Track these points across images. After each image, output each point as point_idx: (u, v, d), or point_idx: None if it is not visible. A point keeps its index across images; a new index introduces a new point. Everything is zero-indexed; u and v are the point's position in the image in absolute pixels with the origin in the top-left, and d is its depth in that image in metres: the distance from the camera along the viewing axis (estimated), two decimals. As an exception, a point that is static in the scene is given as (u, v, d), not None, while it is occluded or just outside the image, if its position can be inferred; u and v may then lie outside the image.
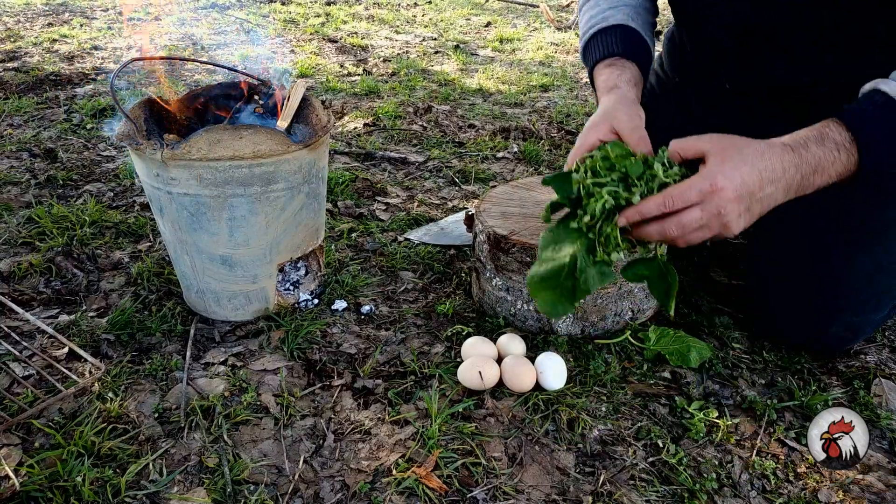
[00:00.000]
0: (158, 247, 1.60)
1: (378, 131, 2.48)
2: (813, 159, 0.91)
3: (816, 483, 0.99)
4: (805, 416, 1.12)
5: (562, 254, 0.97)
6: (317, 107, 1.32)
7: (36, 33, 3.92)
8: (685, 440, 1.06)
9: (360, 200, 1.89)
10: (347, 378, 1.18)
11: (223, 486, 0.95)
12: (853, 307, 1.21)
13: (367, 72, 3.34)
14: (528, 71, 3.41)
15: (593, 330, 1.28)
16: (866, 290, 1.20)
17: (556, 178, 0.99)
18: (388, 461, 1.00)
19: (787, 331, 1.28)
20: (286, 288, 1.34)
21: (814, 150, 0.91)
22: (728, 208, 0.88)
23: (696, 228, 0.90)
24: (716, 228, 0.90)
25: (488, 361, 1.14)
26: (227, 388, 1.15)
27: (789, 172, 0.90)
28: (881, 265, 1.19)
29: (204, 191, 1.18)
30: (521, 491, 0.96)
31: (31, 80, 2.96)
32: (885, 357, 1.27)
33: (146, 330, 1.29)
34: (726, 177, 0.88)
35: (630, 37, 1.23)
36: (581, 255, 0.96)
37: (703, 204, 0.88)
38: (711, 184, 0.88)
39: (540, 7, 4.95)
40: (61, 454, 0.98)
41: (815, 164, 0.91)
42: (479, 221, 1.32)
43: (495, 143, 2.36)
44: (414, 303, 1.41)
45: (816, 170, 0.91)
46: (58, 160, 2.12)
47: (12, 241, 1.62)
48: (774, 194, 0.91)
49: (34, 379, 1.15)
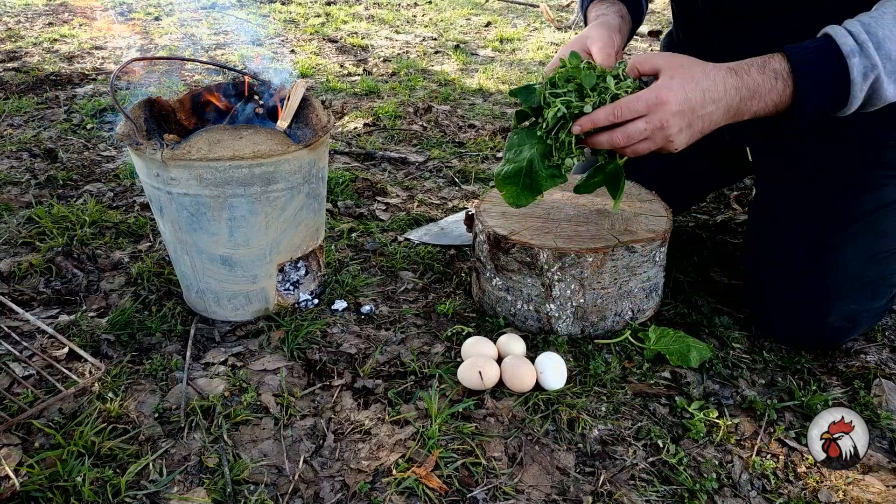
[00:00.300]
0: (158, 247, 1.60)
1: (378, 131, 2.48)
2: (752, 84, 0.98)
3: (816, 483, 0.99)
4: (805, 416, 1.12)
5: (521, 156, 1.09)
6: (317, 107, 1.32)
7: (36, 33, 3.92)
8: (685, 440, 1.06)
9: (360, 200, 1.89)
10: (347, 378, 1.18)
11: (223, 486, 0.95)
12: (848, 295, 1.22)
13: (367, 72, 3.34)
14: (529, 71, 3.41)
15: (593, 330, 1.28)
16: (860, 277, 1.21)
17: (522, 90, 1.10)
18: (388, 461, 1.00)
19: (786, 324, 1.29)
20: (286, 288, 1.34)
21: (754, 76, 0.98)
22: (670, 121, 0.97)
23: (641, 139, 0.99)
24: (659, 141, 0.99)
25: (488, 361, 1.14)
26: (227, 388, 1.15)
27: (730, 94, 0.98)
28: (873, 253, 1.20)
29: (204, 191, 1.18)
30: (521, 491, 0.96)
31: (31, 80, 2.96)
32: (886, 357, 1.27)
33: (146, 330, 1.29)
34: (672, 91, 0.96)
35: None
36: (536, 158, 1.08)
37: (648, 116, 0.97)
38: (657, 96, 0.96)
39: (540, 7, 4.95)
40: (61, 454, 0.98)
41: (754, 88, 0.98)
42: (479, 221, 1.32)
43: (495, 143, 2.36)
44: (414, 303, 1.41)
45: (755, 94, 0.99)
46: (58, 160, 2.12)
47: (12, 241, 1.62)
48: (715, 113, 0.99)
49: (34, 379, 1.15)
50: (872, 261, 1.21)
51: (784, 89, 0.99)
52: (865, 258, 1.20)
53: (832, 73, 0.97)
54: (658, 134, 0.99)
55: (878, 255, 1.21)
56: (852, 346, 1.30)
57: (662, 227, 1.28)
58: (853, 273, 1.21)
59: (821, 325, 1.24)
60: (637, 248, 1.23)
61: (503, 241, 1.25)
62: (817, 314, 1.23)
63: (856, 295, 1.22)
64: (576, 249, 1.19)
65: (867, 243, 1.20)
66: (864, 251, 1.20)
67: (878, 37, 0.95)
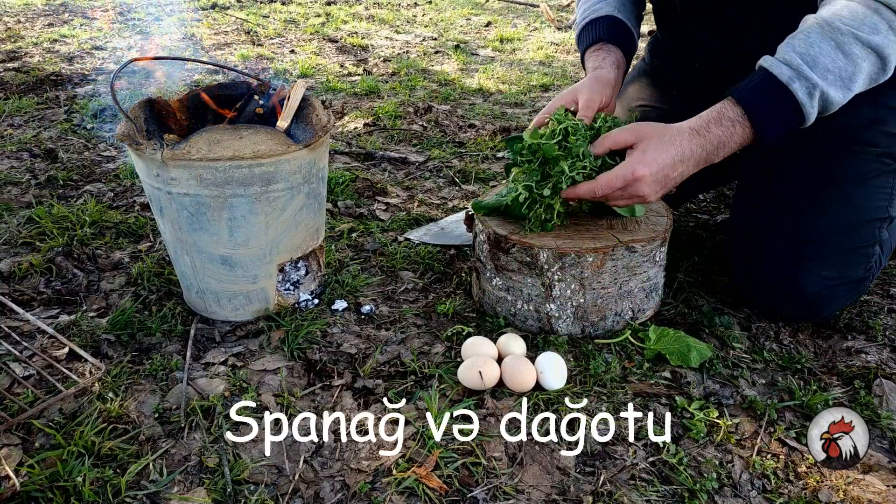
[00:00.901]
0: (158, 247, 1.60)
1: (378, 131, 2.48)
2: (714, 139, 1.10)
3: (817, 483, 0.99)
4: (805, 416, 1.12)
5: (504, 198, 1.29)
6: (317, 107, 1.32)
7: (36, 33, 3.92)
8: (685, 440, 1.06)
9: (361, 200, 1.89)
10: (347, 378, 1.18)
11: (223, 486, 0.95)
12: (820, 261, 1.26)
13: (368, 72, 3.34)
14: (529, 71, 3.41)
15: (593, 330, 1.28)
16: (832, 244, 1.26)
17: (511, 142, 1.27)
18: (388, 461, 1.00)
19: (763, 292, 1.34)
20: (286, 288, 1.34)
21: (714, 131, 1.10)
22: (646, 190, 1.11)
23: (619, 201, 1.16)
24: (636, 201, 1.16)
25: (488, 361, 1.14)
26: (228, 388, 1.15)
27: (696, 152, 1.11)
28: (846, 221, 1.25)
29: (204, 191, 1.18)
30: (522, 491, 0.96)
31: (31, 81, 2.96)
32: (886, 357, 1.27)
33: (146, 330, 1.29)
34: (646, 165, 1.10)
35: (615, 25, 1.44)
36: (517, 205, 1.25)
37: (625, 188, 1.12)
38: (633, 172, 1.10)
39: (540, 7, 4.95)
40: (61, 454, 0.98)
41: (717, 142, 1.11)
42: (479, 221, 1.32)
43: (495, 143, 2.36)
44: (414, 303, 1.41)
45: (719, 146, 1.11)
46: (58, 160, 2.12)
47: (13, 241, 1.62)
48: (686, 171, 1.12)
49: (34, 379, 1.15)
50: (844, 229, 1.25)
51: (744, 132, 1.10)
52: (836, 225, 1.25)
53: (781, 104, 1.08)
54: (635, 199, 1.14)
55: (851, 224, 1.25)
56: (852, 345, 1.30)
57: (662, 227, 1.28)
58: (825, 239, 1.25)
59: (795, 293, 1.28)
60: (637, 248, 1.23)
61: (503, 240, 1.25)
62: (791, 280, 1.27)
63: (829, 263, 1.26)
64: (576, 249, 1.19)
65: (840, 211, 1.25)
66: (836, 218, 1.25)
67: (810, 56, 1.06)
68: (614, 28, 1.43)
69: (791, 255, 1.27)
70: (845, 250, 1.26)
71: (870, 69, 1.07)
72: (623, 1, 1.47)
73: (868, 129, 1.25)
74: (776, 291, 1.31)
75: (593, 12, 1.46)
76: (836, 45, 1.05)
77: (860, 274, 1.30)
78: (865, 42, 1.05)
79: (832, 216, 1.25)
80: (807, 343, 1.31)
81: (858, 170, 1.25)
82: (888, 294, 1.47)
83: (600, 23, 1.44)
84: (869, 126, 1.25)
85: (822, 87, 1.06)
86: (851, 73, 1.06)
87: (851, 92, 1.08)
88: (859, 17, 1.05)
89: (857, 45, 1.05)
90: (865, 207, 1.26)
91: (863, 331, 1.34)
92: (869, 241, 1.28)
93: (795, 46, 1.07)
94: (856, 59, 1.05)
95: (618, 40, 1.43)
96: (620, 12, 1.44)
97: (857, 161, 1.25)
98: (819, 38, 1.06)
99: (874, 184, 1.26)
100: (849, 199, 1.25)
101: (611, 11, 1.44)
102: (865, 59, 1.06)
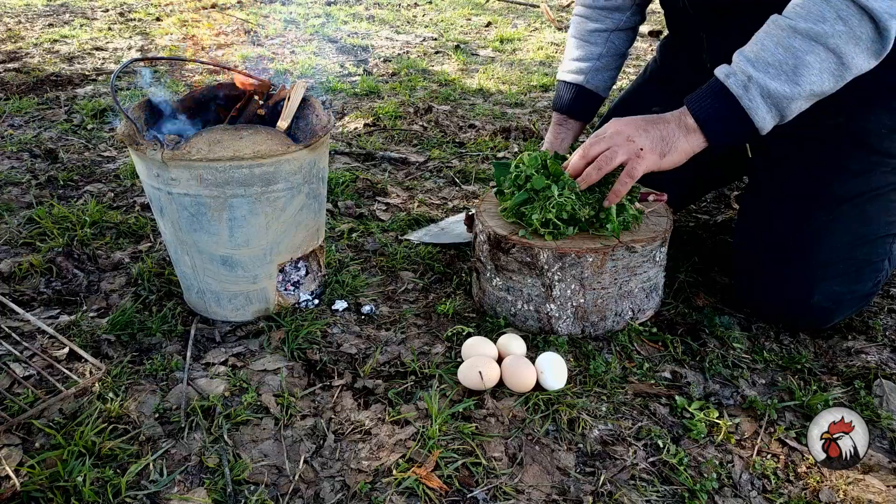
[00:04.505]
0: (159, 247, 1.60)
1: (378, 131, 2.48)
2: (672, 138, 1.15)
3: (817, 483, 0.99)
4: (806, 416, 1.12)
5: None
6: (317, 107, 1.32)
7: (36, 34, 3.92)
8: (685, 440, 1.06)
9: (361, 200, 1.89)
10: (348, 378, 1.18)
11: (223, 487, 0.95)
12: (832, 277, 1.24)
13: (368, 72, 3.34)
14: (529, 71, 3.41)
15: (593, 330, 1.28)
16: (844, 260, 1.24)
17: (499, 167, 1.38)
18: (388, 461, 1.00)
19: (771, 304, 1.32)
20: (286, 288, 1.34)
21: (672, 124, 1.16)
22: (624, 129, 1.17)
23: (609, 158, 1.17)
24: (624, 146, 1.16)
25: (488, 361, 1.14)
26: (228, 389, 1.15)
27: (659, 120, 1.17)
28: (859, 236, 1.24)
29: (204, 191, 1.18)
30: (522, 491, 0.96)
31: (31, 81, 2.96)
32: (886, 357, 1.27)
33: (147, 330, 1.29)
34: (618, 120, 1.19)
35: (581, 98, 1.60)
36: None
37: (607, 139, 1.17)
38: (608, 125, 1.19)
39: (540, 7, 4.95)
40: (62, 454, 0.98)
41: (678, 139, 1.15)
42: (479, 221, 1.32)
43: (496, 144, 2.36)
44: (414, 303, 1.41)
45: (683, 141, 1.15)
46: (58, 161, 2.12)
47: (13, 241, 1.62)
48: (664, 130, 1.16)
49: (35, 379, 1.15)
50: (857, 244, 1.24)
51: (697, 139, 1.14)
52: (850, 241, 1.23)
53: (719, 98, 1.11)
54: (620, 142, 1.15)
55: (863, 239, 1.24)
56: (852, 345, 1.30)
57: (662, 227, 1.28)
58: (837, 255, 1.23)
59: (805, 305, 1.27)
60: (637, 248, 1.23)
61: (503, 241, 1.25)
62: (801, 294, 1.26)
63: (840, 277, 1.25)
64: (576, 249, 1.19)
65: (853, 226, 1.24)
66: (850, 234, 1.23)
67: (754, 53, 1.09)
68: (580, 101, 1.59)
69: (803, 272, 1.25)
70: (856, 266, 1.25)
71: (818, 61, 1.05)
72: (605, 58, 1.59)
73: (887, 137, 1.23)
74: (784, 305, 1.30)
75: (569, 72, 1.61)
76: (777, 40, 1.07)
77: (868, 288, 1.29)
78: (805, 33, 1.04)
79: (846, 232, 1.23)
80: (807, 343, 1.31)
81: (874, 183, 1.23)
82: (888, 294, 1.47)
83: (570, 90, 1.60)
84: (889, 135, 1.23)
85: (758, 79, 1.07)
86: (794, 66, 1.05)
87: (801, 86, 1.06)
88: (806, 8, 1.05)
89: (796, 38, 1.05)
90: (879, 222, 1.24)
91: (863, 331, 1.34)
92: (881, 255, 1.26)
93: (744, 48, 1.11)
94: (796, 52, 1.05)
95: (580, 114, 1.61)
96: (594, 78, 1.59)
97: (873, 174, 1.23)
98: (764, 36, 1.08)
99: (889, 198, 1.24)
100: (863, 214, 1.23)
101: (582, 81, 1.59)
102: (809, 50, 1.04)
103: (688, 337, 1.31)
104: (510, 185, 1.31)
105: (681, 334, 1.31)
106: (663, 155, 1.14)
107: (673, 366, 1.23)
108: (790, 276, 1.26)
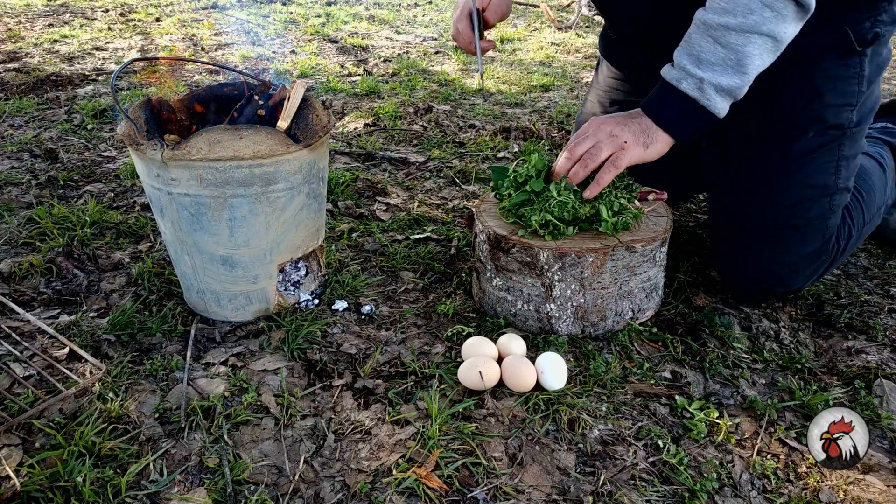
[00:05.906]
0: (159, 247, 1.60)
1: (378, 131, 2.48)
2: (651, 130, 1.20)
3: (817, 483, 0.99)
4: (806, 416, 1.12)
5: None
6: (317, 107, 1.32)
7: (36, 34, 3.92)
8: (686, 440, 1.06)
9: (361, 200, 1.89)
10: (348, 378, 1.18)
11: (223, 487, 0.95)
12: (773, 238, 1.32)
13: (368, 72, 3.34)
14: (529, 71, 3.41)
15: (593, 330, 1.28)
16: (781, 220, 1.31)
17: (497, 172, 1.37)
18: (388, 461, 1.00)
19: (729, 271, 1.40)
20: (286, 288, 1.34)
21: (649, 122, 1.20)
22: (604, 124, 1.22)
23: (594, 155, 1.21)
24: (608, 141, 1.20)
25: (488, 361, 1.14)
26: (228, 389, 1.15)
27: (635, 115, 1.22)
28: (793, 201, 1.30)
29: (204, 191, 1.18)
30: (522, 491, 0.96)
31: (31, 81, 2.96)
32: (886, 357, 1.27)
33: (147, 330, 1.29)
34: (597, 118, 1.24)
35: None
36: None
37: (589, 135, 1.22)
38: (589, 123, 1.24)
39: (540, 7, 4.95)
40: (62, 454, 0.98)
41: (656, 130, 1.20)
42: (478, 221, 1.32)
43: (496, 143, 2.36)
44: (414, 303, 1.41)
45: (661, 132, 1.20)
46: (58, 161, 2.12)
47: (13, 241, 1.62)
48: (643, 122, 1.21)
49: (35, 379, 1.15)
50: (792, 208, 1.30)
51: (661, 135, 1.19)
52: (785, 206, 1.30)
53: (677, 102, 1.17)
54: (603, 137, 1.20)
55: (798, 202, 1.30)
56: (853, 345, 1.30)
57: (662, 227, 1.28)
58: (771, 221, 1.31)
59: (755, 270, 1.34)
60: (637, 248, 1.23)
61: (503, 241, 1.25)
62: (748, 258, 1.35)
63: (779, 242, 1.31)
64: (576, 249, 1.19)
65: (788, 192, 1.30)
66: (784, 200, 1.30)
67: (694, 55, 1.14)
68: None
69: (745, 235, 1.34)
70: (793, 228, 1.31)
71: (758, 48, 1.11)
72: None
73: (809, 105, 1.28)
74: (738, 271, 1.38)
75: None
76: (714, 40, 1.12)
77: (817, 246, 1.33)
78: (738, 28, 1.10)
79: (779, 198, 1.30)
80: (807, 343, 1.31)
81: (802, 148, 1.29)
82: (888, 294, 1.47)
83: None
84: (810, 103, 1.28)
85: (709, 79, 1.13)
86: (738, 59, 1.11)
87: (749, 74, 1.12)
88: (732, 2, 1.10)
89: (730, 34, 1.10)
90: (811, 184, 1.30)
91: (863, 331, 1.34)
92: (818, 214, 1.31)
93: (682, 50, 1.16)
94: (735, 47, 1.11)
95: None
96: None
97: (802, 140, 1.29)
98: (699, 38, 1.14)
99: (819, 159, 1.30)
100: (794, 178, 1.30)
101: None
102: (747, 42, 1.10)
103: (688, 337, 1.31)
104: (508, 187, 1.32)
105: (681, 334, 1.31)
106: (647, 146, 1.19)
107: (673, 366, 1.23)
108: (736, 243, 1.36)
